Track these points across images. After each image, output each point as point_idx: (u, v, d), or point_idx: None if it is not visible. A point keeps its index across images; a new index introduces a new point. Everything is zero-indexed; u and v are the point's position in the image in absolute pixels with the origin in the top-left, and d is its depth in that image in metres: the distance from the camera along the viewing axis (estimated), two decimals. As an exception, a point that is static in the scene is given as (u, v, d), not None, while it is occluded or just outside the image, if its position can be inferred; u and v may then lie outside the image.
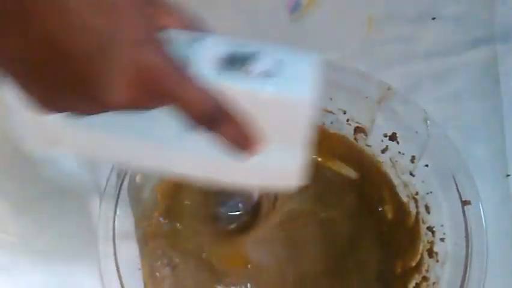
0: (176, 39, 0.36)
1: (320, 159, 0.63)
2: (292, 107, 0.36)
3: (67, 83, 0.33)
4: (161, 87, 0.34)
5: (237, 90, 0.36)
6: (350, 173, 0.63)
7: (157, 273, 0.58)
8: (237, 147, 0.38)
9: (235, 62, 0.36)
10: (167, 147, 0.39)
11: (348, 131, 0.61)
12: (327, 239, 0.60)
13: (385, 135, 0.58)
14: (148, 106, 0.35)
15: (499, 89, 0.65)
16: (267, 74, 0.36)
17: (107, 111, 0.34)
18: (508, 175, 0.61)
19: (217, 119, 0.36)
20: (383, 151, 0.59)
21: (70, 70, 0.33)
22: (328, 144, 0.61)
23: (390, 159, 0.59)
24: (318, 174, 0.62)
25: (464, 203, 0.53)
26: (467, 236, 0.52)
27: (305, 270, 0.59)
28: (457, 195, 0.53)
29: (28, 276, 0.54)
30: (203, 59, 0.36)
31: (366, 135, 0.60)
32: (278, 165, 0.39)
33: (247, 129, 0.37)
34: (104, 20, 0.32)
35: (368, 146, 0.60)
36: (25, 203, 0.54)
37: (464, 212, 0.53)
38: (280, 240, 0.60)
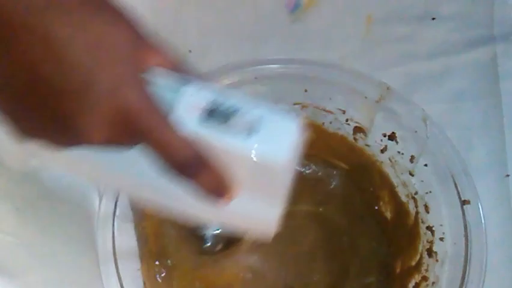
0: (161, 81, 0.36)
1: (319, 158, 0.63)
2: (271, 168, 0.36)
3: (45, 115, 0.33)
4: (138, 128, 0.34)
5: (216, 143, 0.35)
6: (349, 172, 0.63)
7: (156, 273, 0.58)
8: (211, 195, 0.37)
9: (216, 113, 0.36)
10: (141, 181, 0.39)
11: (347, 131, 0.61)
12: (326, 239, 0.60)
13: (384, 135, 0.58)
14: (124, 144, 0.35)
15: (498, 89, 0.65)
16: (248, 131, 0.36)
17: (83, 145, 0.34)
18: (508, 175, 0.61)
19: (192, 168, 0.35)
20: (382, 151, 0.59)
21: (48, 102, 0.33)
22: (327, 143, 0.61)
23: (390, 159, 0.59)
24: (316, 173, 0.62)
25: (464, 202, 0.53)
26: (466, 236, 0.52)
27: (303, 271, 0.59)
28: (456, 195, 0.53)
29: (28, 276, 0.54)
30: (185, 105, 0.36)
31: (365, 135, 0.60)
32: (253, 213, 0.39)
33: (223, 180, 0.37)
34: (88, 57, 0.32)
35: (367, 145, 0.61)
36: (25, 204, 0.54)
37: (463, 211, 0.53)
38: (279, 242, 0.60)
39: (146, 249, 0.57)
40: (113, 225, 0.53)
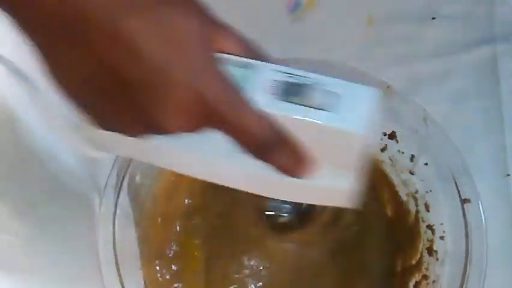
0: (232, 63, 0.36)
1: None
2: (346, 140, 0.37)
3: (121, 107, 0.34)
4: (216, 114, 0.35)
5: (292, 120, 0.36)
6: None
7: (158, 274, 0.58)
8: (290, 172, 0.38)
9: (290, 91, 0.36)
10: (215, 162, 0.40)
11: (347, 130, 0.61)
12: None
13: (384, 134, 0.58)
14: (202, 130, 0.36)
15: (499, 89, 0.65)
16: (323, 106, 0.36)
17: (158, 135, 0.36)
18: (508, 174, 0.61)
19: (270, 148, 0.36)
20: (383, 150, 0.59)
21: (126, 96, 0.34)
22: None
23: (390, 158, 0.59)
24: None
25: (464, 201, 0.53)
26: (466, 235, 0.52)
27: (307, 269, 0.59)
28: (457, 194, 0.53)
29: (28, 276, 0.54)
30: (258, 86, 0.36)
31: (365, 134, 0.60)
32: (328, 186, 0.39)
33: (300, 156, 0.38)
34: (162, 48, 0.33)
35: (368, 144, 0.60)
36: (25, 203, 0.54)
37: (463, 210, 0.52)
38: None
39: (147, 249, 0.57)
40: (113, 224, 0.53)
